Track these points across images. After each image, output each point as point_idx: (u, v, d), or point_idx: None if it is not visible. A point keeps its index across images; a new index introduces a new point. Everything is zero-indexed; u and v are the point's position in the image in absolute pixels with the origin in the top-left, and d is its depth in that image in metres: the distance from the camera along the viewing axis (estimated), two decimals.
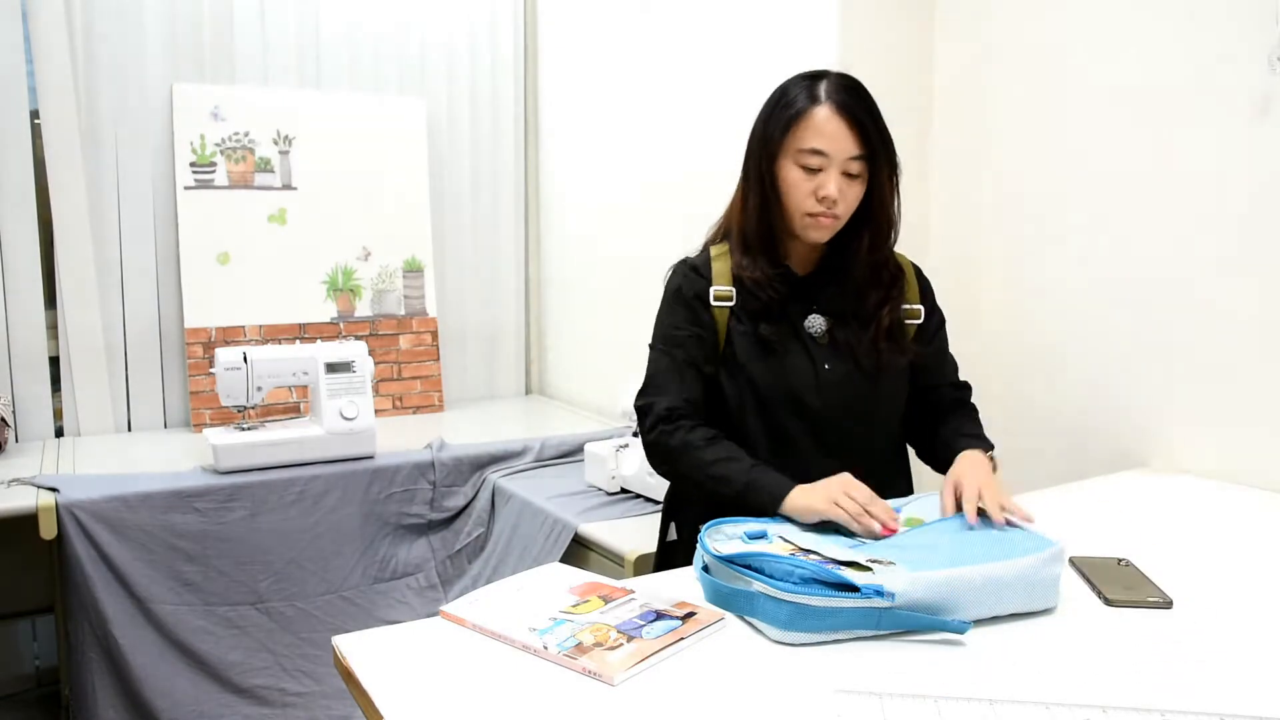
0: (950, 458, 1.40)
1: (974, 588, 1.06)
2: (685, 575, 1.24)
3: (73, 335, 2.59)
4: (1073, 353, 1.99)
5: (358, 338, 2.86)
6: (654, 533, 1.85)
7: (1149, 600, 1.15)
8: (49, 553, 2.24)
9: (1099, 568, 1.25)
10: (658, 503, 2.08)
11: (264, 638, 2.18)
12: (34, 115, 2.53)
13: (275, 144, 2.80)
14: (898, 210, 1.44)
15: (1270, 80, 1.63)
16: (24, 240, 2.53)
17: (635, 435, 2.18)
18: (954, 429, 1.48)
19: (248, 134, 2.77)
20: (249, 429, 2.29)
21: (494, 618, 1.07)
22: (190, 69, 2.72)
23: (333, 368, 2.33)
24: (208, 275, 2.71)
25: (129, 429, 2.71)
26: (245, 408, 2.30)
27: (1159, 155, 1.81)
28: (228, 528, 2.14)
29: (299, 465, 2.26)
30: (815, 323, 1.44)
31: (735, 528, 1.24)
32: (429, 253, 3.01)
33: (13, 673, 2.64)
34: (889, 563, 1.10)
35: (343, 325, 2.88)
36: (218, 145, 2.73)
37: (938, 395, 1.54)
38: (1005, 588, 1.08)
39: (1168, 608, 1.15)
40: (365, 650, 1.02)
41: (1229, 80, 1.69)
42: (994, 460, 1.40)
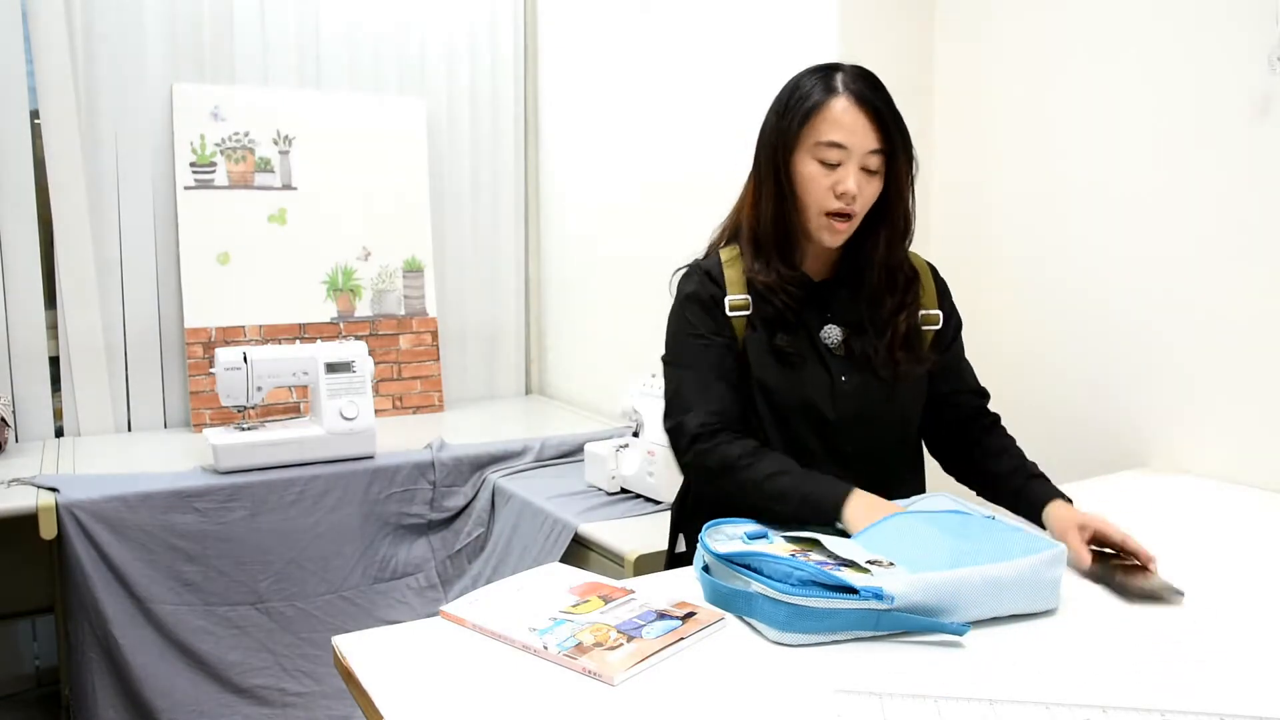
0: (1022, 498, 1.37)
1: (974, 589, 1.06)
2: (685, 575, 1.24)
3: (73, 335, 2.59)
4: (1073, 353, 1.99)
5: (358, 338, 2.86)
6: (654, 533, 1.85)
7: (1170, 589, 1.16)
8: (49, 553, 2.24)
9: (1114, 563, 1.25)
10: (658, 503, 2.08)
11: (264, 638, 2.18)
12: (34, 115, 2.53)
13: (275, 144, 2.80)
14: (913, 208, 1.39)
15: (1270, 80, 1.63)
16: (24, 240, 2.53)
17: (636, 436, 2.18)
18: (1013, 463, 1.43)
19: (248, 134, 2.77)
20: (249, 429, 2.29)
21: (494, 618, 1.07)
22: (190, 69, 2.72)
23: (333, 368, 2.33)
24: (208, 275, 2.71)
25: (129, 429, 2.71)
26: (245, 408, 2.30)
27: (1158, 155, 1.81)
28: (228, 528, 2.14)
29: (299, 465, 2.26)
30: (831, 333, 1.39)
31: (736, 528, 1.24)
32: (429, 253, 3.01)
33: (13, 673, 2.64)
34: (889, 564, 1.09)
35: (343, 325, 2.88)
36: (218, 145, 2.73)
37: (958, 403, 1.49)
38: (1005, 589, 1.07)
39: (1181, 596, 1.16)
40: (365, 650, 1.02)
41: (1229, 80, 1.68)
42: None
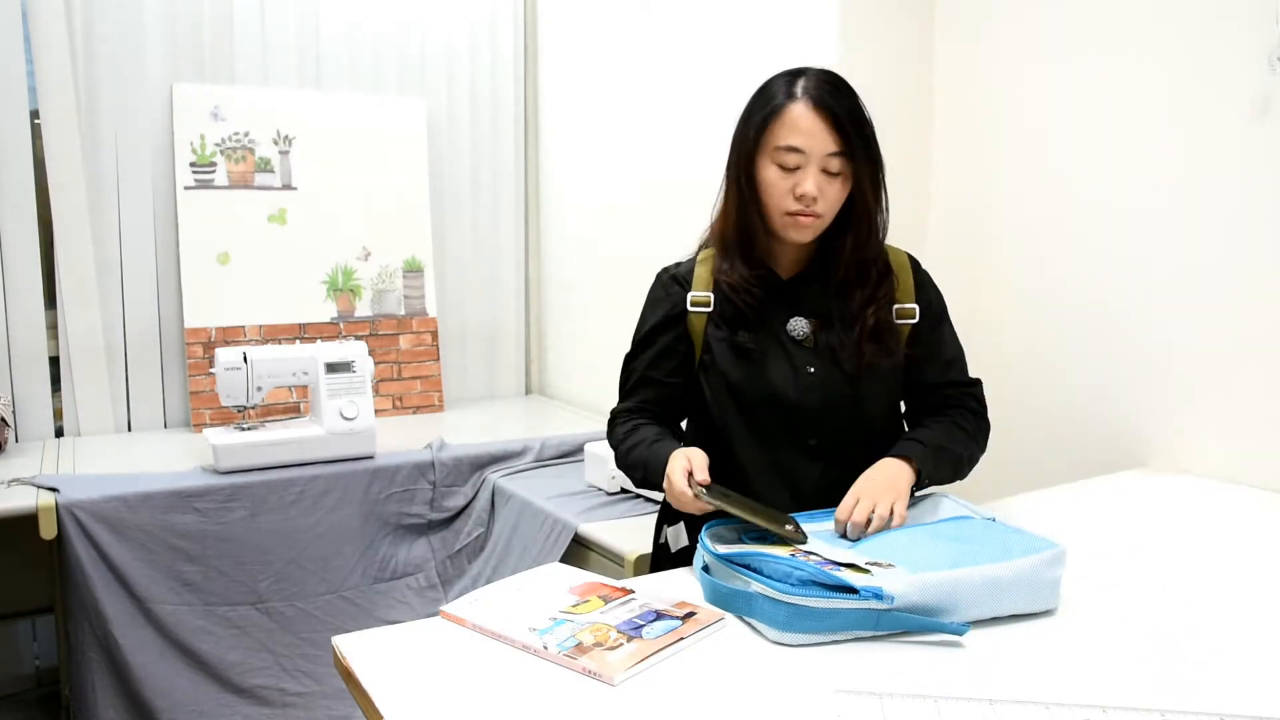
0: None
1: (974, 589, 1.06)
2: (685, 575, 1.24)
3: (73, 335, 2.59)
4: (1073, 352, 1.99)
5: (358, 338, 2.86)
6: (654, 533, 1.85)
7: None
8: (49, 553, 2.24)
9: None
10: (657, 503, 2.08)
11: (264, 638, 2.18)
12: (34, 115, 2.53)
13: (275, 144, 2.80)
14: (885, 208, 1.40)
15: (1270, 80, 1.63)
16: (24, 240, 2.53)
17: None
18: (916, 427, 1.43)
19: (248, 134, 2.77)
20: (249, 429, 2.29)
21: (494, 618, 1.07)
22: (190, 69, 2.72)
23: (333, 368, 2.33)
24: (208, 275, 2.71)
25: (129, 429, 2.71)
26: (245, 408, 2.30)
27: (1158, 155, 1.81)
28: (228, 528, 2.14)
29: (299, 465, 2.26)
30: (798, 326, 1.41)
31: (736, 528, 1.24)
32: (429, 253, 3.01)
33: (13, 673, 2.64)
34: (888, 564, 1.10)
35: (343, 325, 2.88)
36: (218, 145, 2.73)
37: (938, 396, 1.48)
38: (1005, 589, 1.08)
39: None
40: (365, 650, 1.02)
41: (1229, 80, 1.68)
42: (918, 468, 1.32)
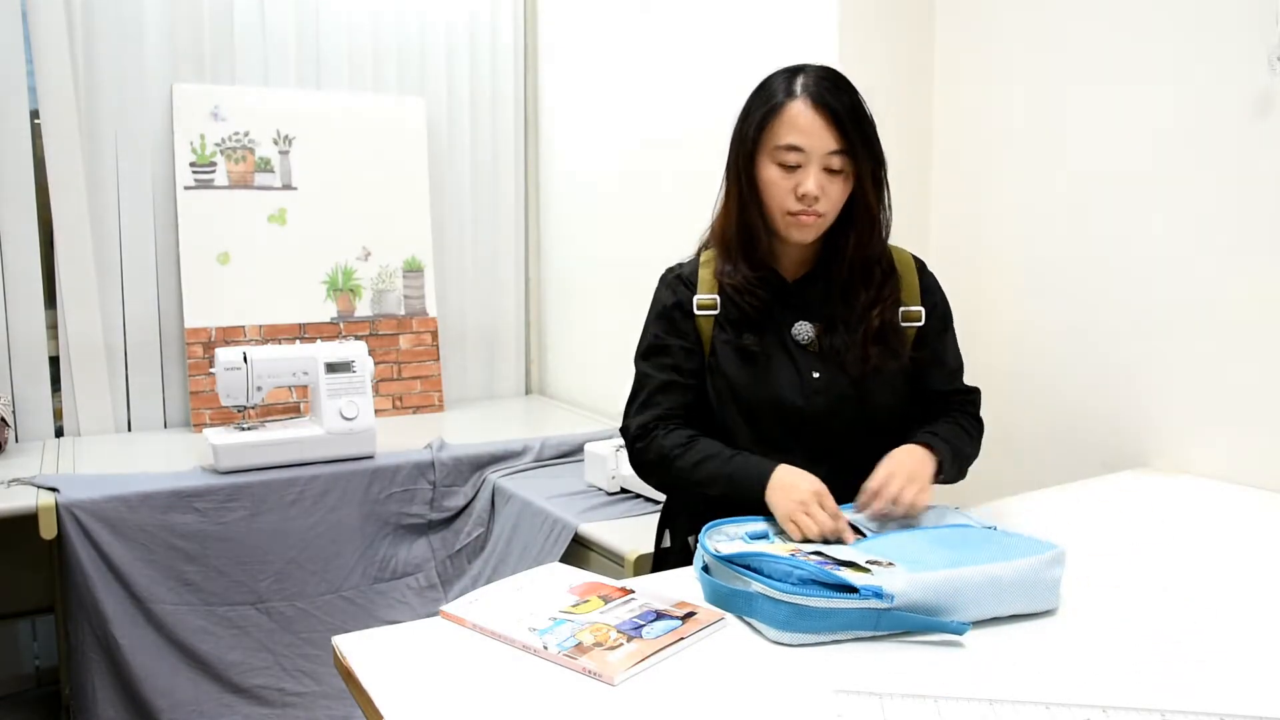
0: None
1: (973, 588, 1.06)
2: (685, 575, 1.24)
3: (73, 335, 2.59)
4: (1073, 352, 1.99)
5: (358, 338, 2.86)
6: (654, 533, 1.85)
7: None
8: (49, 553, 2.24)
9: None
10: (657, 503, 2.08)
11: (264, 638, 2.18)
12: (34, 115, 2.53)
13: (275, 144, 2.80)
14: (887, 206, 1.39)
15: (1270, 80, 1.63)
16: (24, 240, 2.52)
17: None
18: (927, 425, 1.42)
19: (248, 134, 2.77)
20: (249, 429, 2.29)
21: (494, 618, 1.07)
22: (190, 69, 2.72)
23: (333, 368, 2.33)
24: (208, 275, 2.71)
25: (129, 429, 2.71)
26: (245, 408, 2.30)
27: (1159, 155, 1.81)
28: (228, 528, 2.14)
29: (299, 465, 2.26)
30: (803, 330, 1.40)
31: (736, 528, 1.24)
32: (429, 253, 3.01)
33: (13, 673, 2.64)
34: (888, 564, 1.10)
35: (343, 325, 2.88)
36: (218, 145, 2.73)
37: (942, 403, 1.48)
38: (1005, 589, 1.07)
39: None
40: (365, 650, 1.02)
41: (1229, 80, 1.68)
42: (938, 458, 1.33)
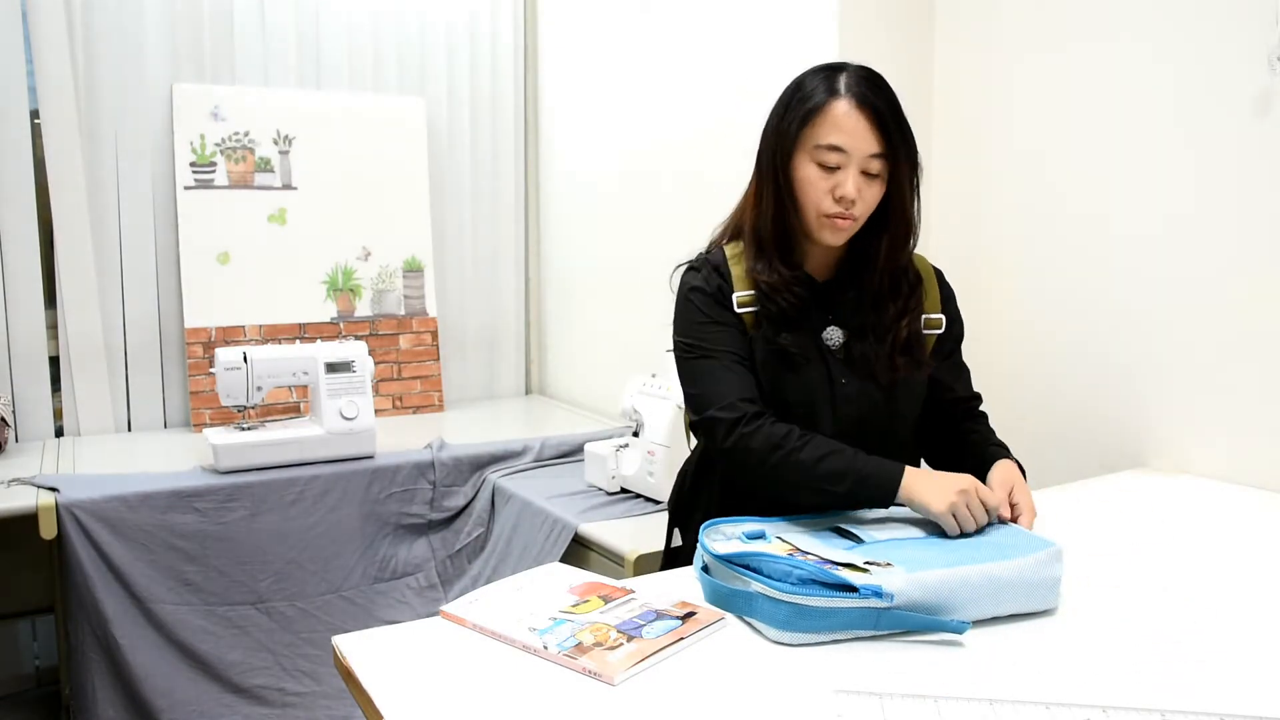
0: (981, 463, 1.39)
1: (972, 587, 1.06)
2: (685, 575, 1.24)
3: (73, 335, 2.59)
4: (1073, 353, 1.99)
5: (358, 338, 2.86)
6: (654, 533, 1.85)
7: None
8: (49, 553, 2.24)
9: None
10: (658, 503, 2.08)
11: (264, 638, 2.18)
12: (34, 115, 2.53)
13: (275, 144, 2.80)
14: (918, 213, 1.38)
15: (1270, 80, 1.63)
16: (24, 240, 2.52)
17: (636, 436, 2.17)
18: (982, 437, 1.46)
19: (248, 134, 2.77)
20: (249, 429, 2.29)
21: (494, 618, 1.07)
22: (190, 69, 2.72)
23: (333, 368, 2.33)
24: (208, 275, 2.71)
25: (129, 429, 2.71)
26: (245, 408, 2.30)
27: (1159, 155, 1.81)
28: (228, 528, 2.14)
29: (299, 465, 2.26)
30: (833, 335, 1.38)
31: (734, 528, 1.24)
32: (429, 253, 3.01)
33: (13, 673, 2.64)
34: (886, 564, 1.09)
35: (343, 325, 2.88)
36: (218, 145, 2.73)
37: (955, 409, 1.49)
38: (1004, 588, 1.07)
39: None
40: (365, 650, 1.02)
41: (1229, 80, 1.68)
42: (1023, 468, 1.39)
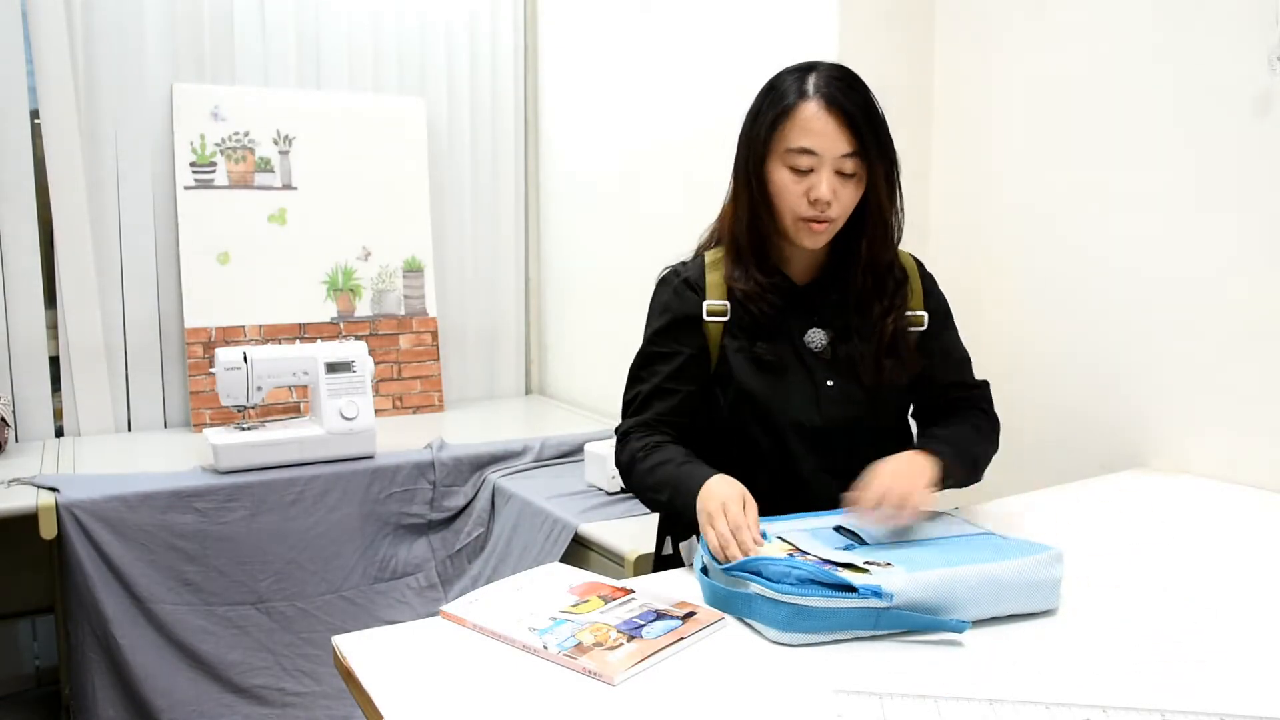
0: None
1: (971, 587, 1.06)
2: (685, 575, 1.24)
3: (73, 335, 2.59)
4: (1072, 352, 1.99)
5: (358, 338, 2.85)
6: (654, 533, 1.85)
7: None
8: (49, 553, 2.24)
9: None
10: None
11: (264, 638, 2.18)
12: (34, 115, 2.53)
13: (275, 144, 2.80)
14: (899, 210, 1.36)
15: (1270, 80, 1.63)
16: (24, 240, 2.52)
17: None
18: (941, 426, 1.40)
19: (248, 134, 2.77)
20: (249, 429, 2.29)
21: (494, 618, 1.07)
22: (190, 69, 2.72)
23: (333, 368, 2.33)
24: (208, 275, 2.71)
25: (129, 429, 2.71)
26: (245, 408, 2.30)
27: (1159, 155, 1.81)
28: (228, 528, 2.14)
29: (299, 465, 2.26)
30: (816, 337, 1.37)
31: None
32: (429, 253, 3.01)
33: (13, 673, 2.64)
34: (885, 564, 1.09)
35: (343, 325, 2.88)
36: (218, 145, 2.73)
37: (948, 398, 1.46)
38: (1004, 588, 1.07)
39: None
40: (365, 650, 1.02)
41: (1229, 80, 1.68)
42: (942, 462, 1.27)
